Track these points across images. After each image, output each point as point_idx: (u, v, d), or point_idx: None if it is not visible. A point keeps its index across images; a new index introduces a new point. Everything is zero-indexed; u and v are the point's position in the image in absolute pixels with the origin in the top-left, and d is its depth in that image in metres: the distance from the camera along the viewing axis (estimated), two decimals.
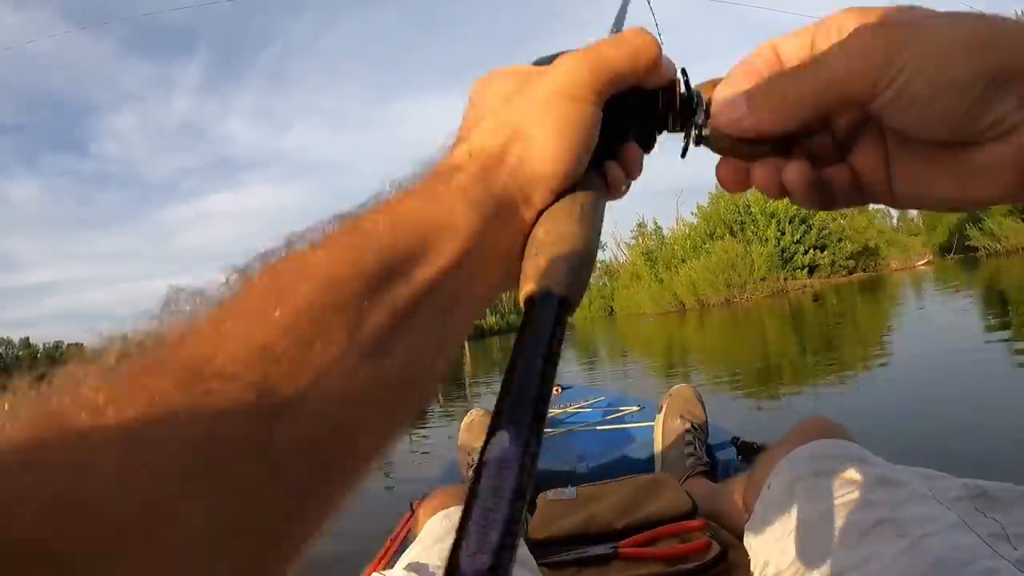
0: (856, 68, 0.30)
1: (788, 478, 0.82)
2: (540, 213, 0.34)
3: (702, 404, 1.75)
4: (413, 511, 1.41)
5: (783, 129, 0.35)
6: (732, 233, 32.05)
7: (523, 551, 0.97)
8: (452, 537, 0.99)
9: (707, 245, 31.97)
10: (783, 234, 30.77)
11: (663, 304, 31.55)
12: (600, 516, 1.18)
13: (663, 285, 32.63)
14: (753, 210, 32.14)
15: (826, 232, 30.39)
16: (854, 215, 31.07)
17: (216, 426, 0.21)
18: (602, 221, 0.36)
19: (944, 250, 32.64)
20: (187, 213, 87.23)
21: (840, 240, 30.47)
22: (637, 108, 0.38)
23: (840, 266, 30.49)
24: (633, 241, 41.54)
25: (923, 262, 31.53)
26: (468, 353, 24.25)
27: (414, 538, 1.02)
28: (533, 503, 1.30)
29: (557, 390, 3.44)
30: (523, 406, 0.24)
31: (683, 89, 0.39)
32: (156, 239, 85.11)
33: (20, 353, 49.38)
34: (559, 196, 0.34)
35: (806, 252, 30.21)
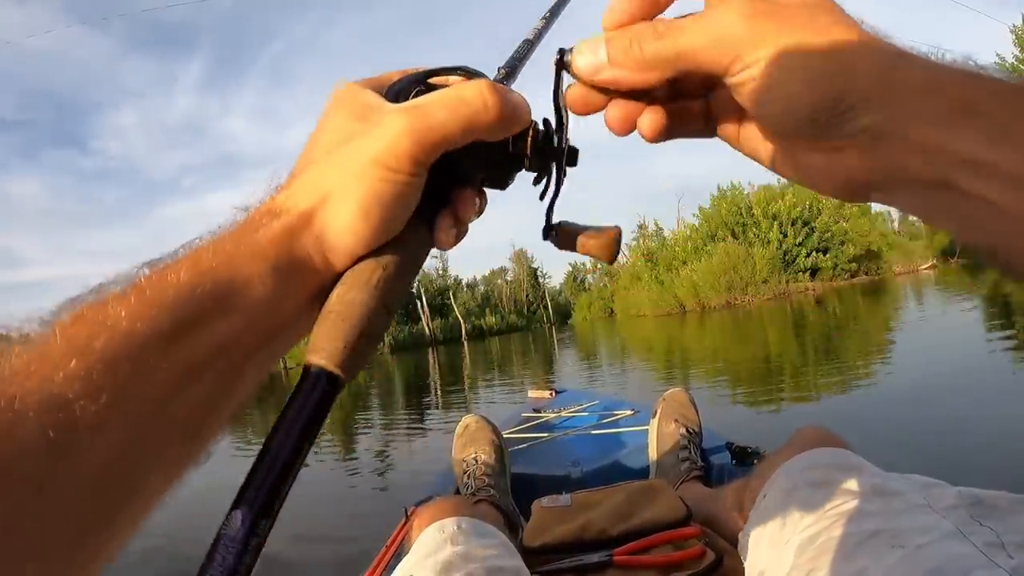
0: (715, 46, 0.31)
1: (785, 487, 0.83)
2: (342, 274, 0.34)
3: (696, 408, 1.76)
4: (408, 518, 1.42)
5: (640, 84, 0.35)
6: (734, 235, 32.21)
7: (517, 562, 0.98)
8: (447, 550, 1.02)
9: (708, 247, 32.16)
10: (785, 236, 30.97)
11: (663, 306, 31.65)
12: (594, 523, 1.19)
13: (664, 287, 32.76)
14: (755, 212, 32.32)
15: (828, 235, 30.54)
16: (857, 218, 31.17)
17: None
18: (415, 274, 0.37)
19: (948, 254, 32.79)
20: (189, 210, 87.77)
21: (843, 243, 30.58)
22: (482, 154, 0.37)
23: (842, 269, 30.67)
24: (634, 242, 41.66)
25: (927, 266, 31.62)
26: (468, 354, 24.27)
27: (409, 546, 1.03)
28: (528, 511, 1.32)
29: (551, 394, 3.45)
30: (262, 487, 0.27)
31: (542, 135, 0.38)
32: (158, 236, 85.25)
33: None
34: (366, 256, 0.34)
35: (808, 255, 30.44)
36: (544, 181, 0.40)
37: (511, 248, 63.67)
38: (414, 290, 52.91)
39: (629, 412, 2.46)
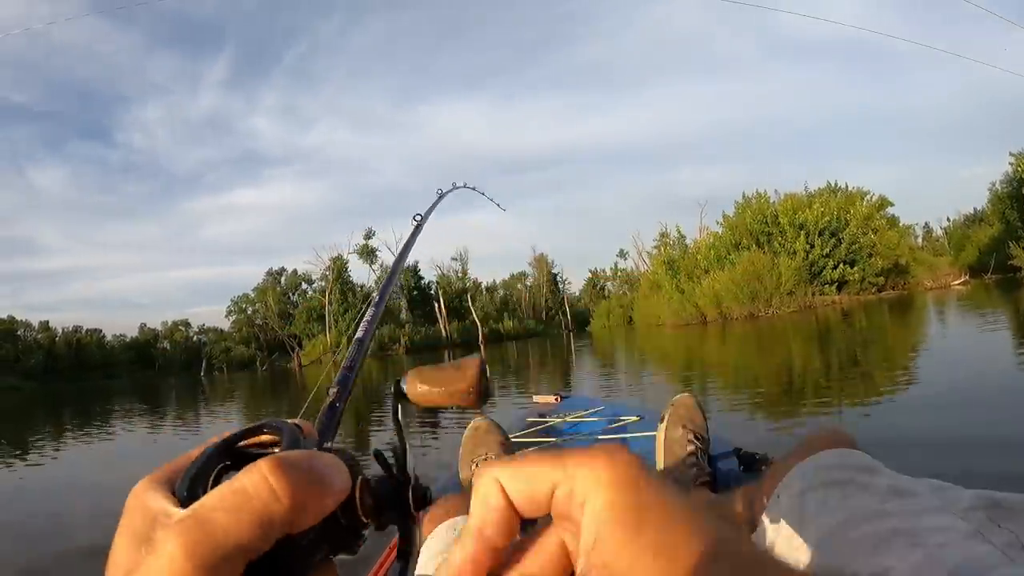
0: None
1: (798, 488, 0.82)
2: None
3: (704, 414, 1.80)
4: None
5: None
6: (758, 244, 31.90)
7: None
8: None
9: (732, 256, 31.89)
10: (812, 247, 30.61)
11: (684, 315, 31.40)
12: None
13: (684, 296, 32.50)
14: (781, 221, 31.99)
15: (856, 247, 30.19)
16: (885, 231, 30.81)
17: None
18: None
19: (981, 270, 32.33)
20: (210, 206, 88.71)
21: (871, 256, 30.22)
22: (302, 540, 0.30)
23: (869, 283, 30.30)
24: (655, 250, 41.52)
25: (959, 282, 31.17)
26: (484, 358, 24.25)
27: (419, 544, 1.06)
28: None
29: (557, 399, 3.50)
30: None
31: (376, 491, 0.33)
32: (178, 230, 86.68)
33: (39, 336, 50.62)
34: None
35: (835, 267, 30.09)
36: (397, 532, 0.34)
37: (532, 252, 63.64)
38: (432, 292, 53.15)
39: (635, 418, 2.52)
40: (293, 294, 53.03)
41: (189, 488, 0.30)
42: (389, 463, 0.35)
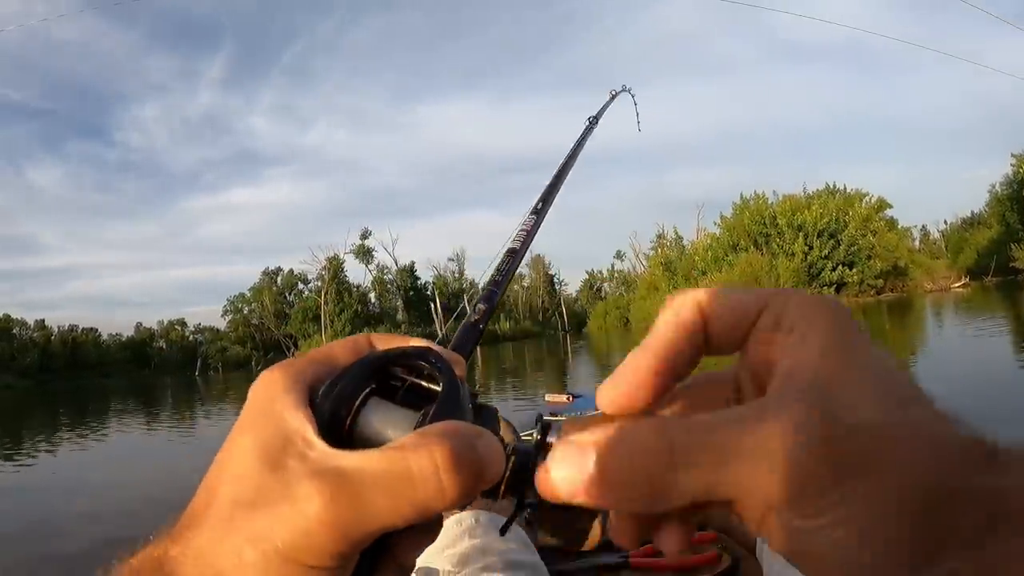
0: (747, 495, 0.22)
1: None
2: None
3: None
4: None
5: (639, 511, 0.26)
6: (756, 245, 32.01)
7: (535, 557, 1.01)
8: (464, 543, 1.05)
9: (730, 257, 32.02)
10: (811, 248, 30.75)
11: None
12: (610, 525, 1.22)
13: None
14: (780, 222, 32.07)
15: (855, 248, 30.30)
16: (884, 232, 30.89)
17: None
18: None
19: (981, 272, 32.40)
20: (207, 205, 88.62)
21: (869, 257, 30.30)
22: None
23: (868, 285, 30.38)
24: (652, 252, 41.57)
25: (959, 284, 31.23)
26: (480, 358, 24.29)
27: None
28: (545, 510, 1.35)
29: (568, 398, 3.50)
30: None
31: (518, 469, 0.30)
32: (176, 229, 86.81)
33: (35, 335, 50.45)
34: None
35: (834, 268, 30.19)
36: (507, 519, 0.33)
37: (529, 253, 63.62)
38: (428, 292, 53.13)
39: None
40: (289, 294, 52.97)
41: (332, 406, 0.29)
42: (546, 435, 0.31)
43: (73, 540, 4.78)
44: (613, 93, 1.47)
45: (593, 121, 1.18)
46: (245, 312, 53.87)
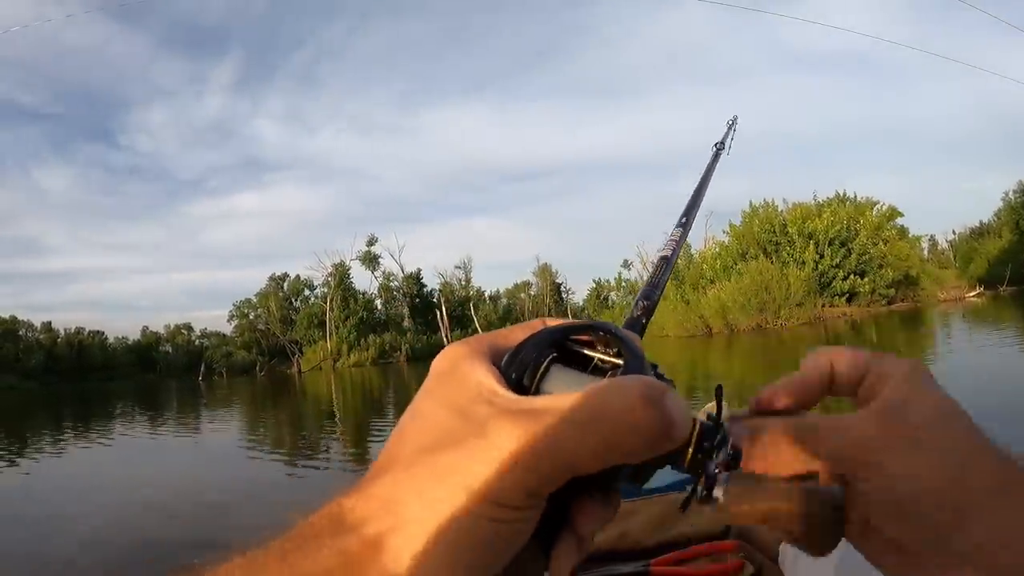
0: (841, 453, 0.33)
1: None
2: None
3: None
4: None
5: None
6: (766, 254, 31.82)
7: None
8: None
9: (739, 266, 31.80)
10: (821, 257, 30.56)
11: (688, 326, 31.22)
12: (631, 533, 1.21)
13: (689, 307, 32.30)
14: (790, 230, 31.91)
15: (867, 257, 30.10)
16: (896, 241, 30.69)
17: None
18: None
19: (995, 282, 32.20)
20: (213, 210, 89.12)
21: (881, 266, 30.11)
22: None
23: (880, 294, 30.21)
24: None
25: (973, 294, 31.05)
26: None
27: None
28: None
29: None
30: None
31: (705, 436, 0.31)
32: (181, 234, 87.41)
33: (41, 337, 50.73)
34: None
35: (845, 278, 30.03)
36: (688, 496, 0.33)
37: (535, 262, 63.78)
38: (434, 299, 53.13)
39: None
40: (296, 300, 53.05)
41: (517, 371, 0.29)
42: (722, 405, 0.34)
43: (75, 540, 4.79)
44: (729, 123, 1.60)
45: (719, 147, 1.27)
46: (251, 317, 53.98)
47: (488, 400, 0.27)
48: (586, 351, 0.32)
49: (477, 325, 48.79)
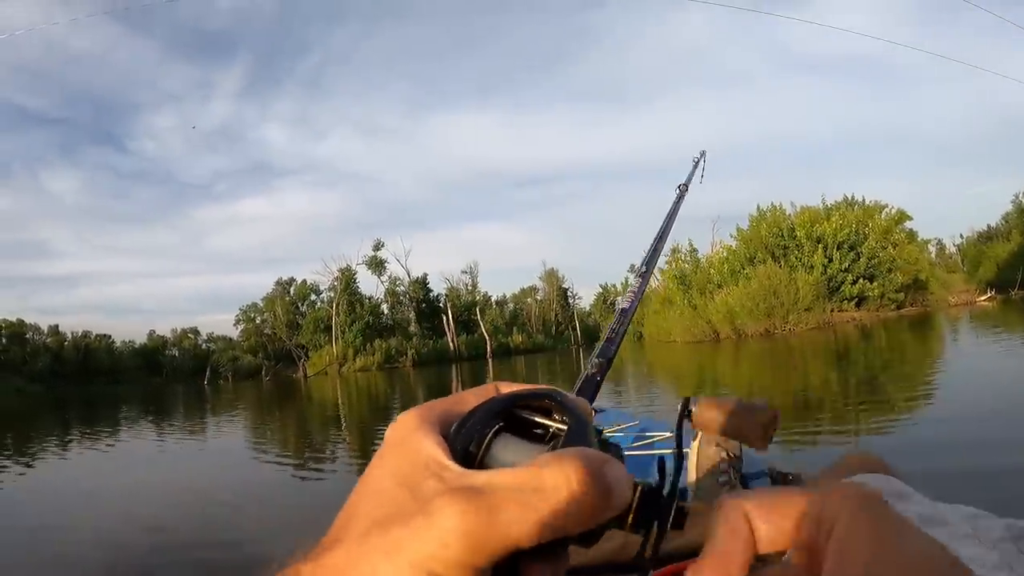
0: None
1: None
2: None
3: None
4: None
5: None
6: (774, 258, 31.73)
7: None
8: None
9: (747, 270, 31.70)
10: (830, 261, 30.47)
11: (696, 332, 31.22)
12: (631, 544, 1.18)
13: (697, 312, 32.35)
14: (798, 234, 31.86)
15: (876, 261, 29.99)
16: (905, 244, 30.55)
17: None
18: None
19: (1005, 285, 32.00)
20: (220, 215, 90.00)
21: (890, 270, 29.99)
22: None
23: (889, 299, 30.07)
24: (666, 266, 41.42)
25: (984, 298, 30.87)
26: (492, 372, 24.32)
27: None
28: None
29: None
30: None
31: (647, 498, 0.31)
32: (189, 238, 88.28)
33: (48, 340, 51.17)
34: None
35: (855, 282, 29.93)
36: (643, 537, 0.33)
37: (542, 267, 63.79)
38: (440, 304, 53.24)
39: (667, 434, 2.48)
40: (302, 304, 53.26)
41: (464, 440, 0.30)
42: (667, 472, 0.34)
43: (79, 544, 4.79)
44: (696, 159, 1.63)
45: (684, 188, 1.28)
46: (257, 322, 54.22)
47: (435, 474, 0.28)
48: (535, 417, 0.33)
49: (483, 330, 48.87)
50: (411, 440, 0.30)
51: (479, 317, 51.40)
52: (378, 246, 51.02)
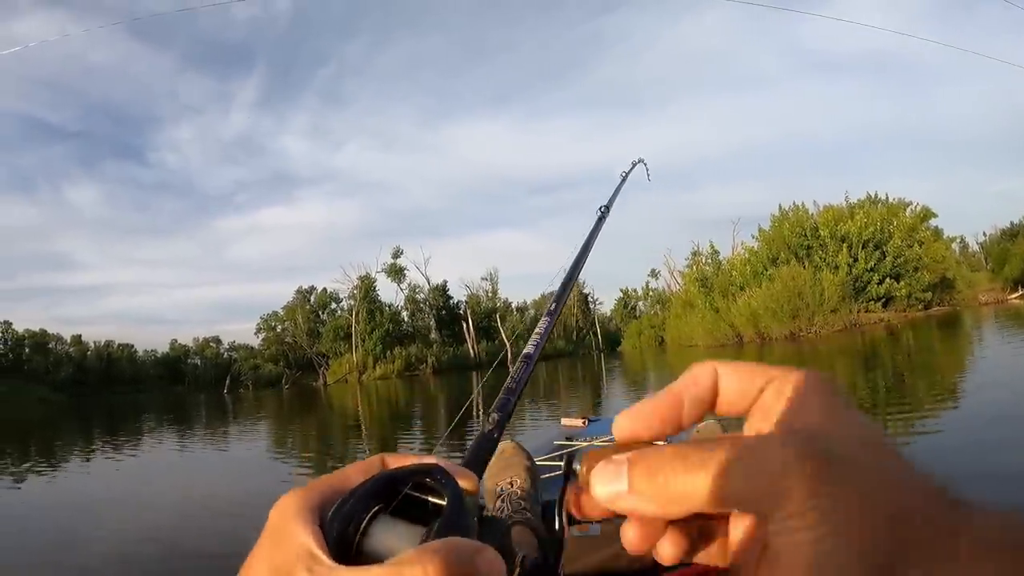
0: (752, 493, 0.26)
1: None
2: None
3: None
4: None
5: (663, 517, 0.30)
6: (798, 258, 31.31)
7: None
8: None
9: (769, 271, 31.35)
10: (855, 260, 30.04)
11: (718, 335, 30.90)
12: (625, 554, 1.14)
13: (719, 315, 31.96)
14: (822, 233, 31.45)
15: (902, 260, 29.49)
16: (931, 242, 30.06)
17: None
18: None
19: None
20: (240, 225, 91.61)
21: (917, 269, 29.49)
22: None
23: (916, 299, 29.58)
24: (687, 268, 41.10)
25: (1016, 295, 30.28)
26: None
27: None
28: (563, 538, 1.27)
29: (584, 422, 3.47)
30: None
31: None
32: (209, 248, 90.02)
33: (71, 350, 52.22)
34: None
35: (881, 281, 29.44)
36: None
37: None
38: (460, 311, 53.35)
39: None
40: (322, 312, 53.65)
41: (340, 525, 0.30)
42: (546, 549, 0.33)
43: (99, 551, 4.83)
44: (624, 174, 1.51)
45: (604, 211, 1.19)
46: (278, 330, 54.70)
47: (307, 568, 0.28)
48: (417, 493, 0.33)
49: (504, 336, 48.84)
50: (287, 529, 0.30)
51: (499, 323, 51.39)
52: (397, 254, 51.26)
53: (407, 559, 0.27)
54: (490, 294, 57.10)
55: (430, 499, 0.32)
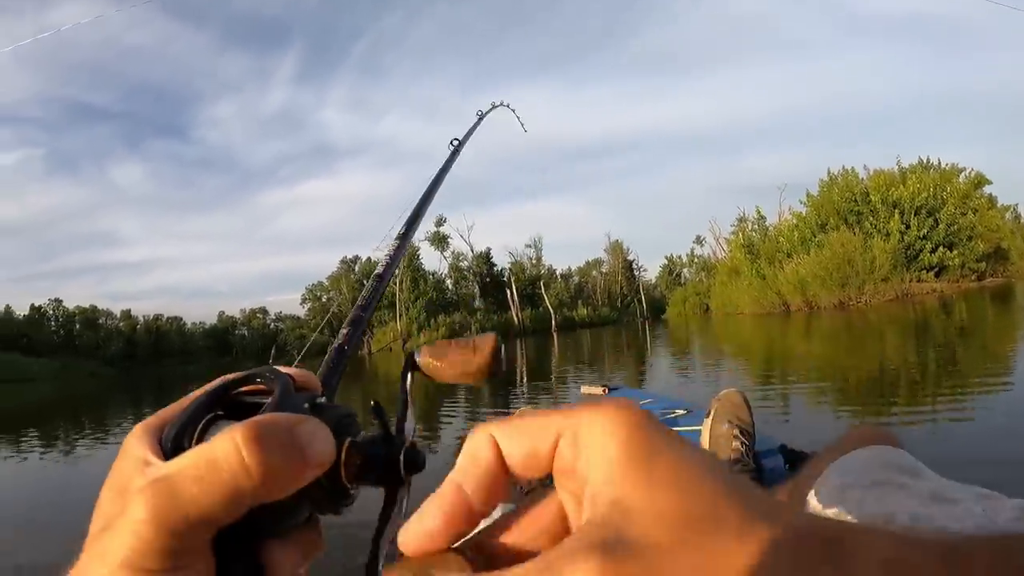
0: None
1: (836, 484, 0.80)
2: None
3: (750, 410, 1.87)
4: None
5: None
6: (847, 224, 30.53)
7: None
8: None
9: (818, 237, 30.74)
10: (907, 227, 29.28)
11: (765, 304, 30.50)
12: None
13: (766, 282, 31.49)
14: (872, 199, 30.69)
15: (955, 228, 28.59)
16: (986, 210, 28.94)
17: None
18: None
19: None
20: (284, 198, 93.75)
21: (971, 238, 28.58)
22: (282, 506, 0.29)
23: (970, 268, 28.81)
24: (733, 235, 40.43)
25: None
26: (556, 345, 24.45)
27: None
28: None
29: (604, 391, 3.63)
30: None
31: (364, 457, 0.31)
32: (255, 221, 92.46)
33: (121, 324, 54.37)
34: None
35: (933, 250, 28.73)
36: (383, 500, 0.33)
37: (607, 239, 63.33)
38: (504, 278, 53.59)
39: (682, 411, 2.62)
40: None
41: (174, 439, 0.30)
42: (388, 421, 0.33)
43: None
44: (480, 114, 1.53)
45: (459, 144, 1.21)
46: (323, 300, 55.79)
47: (140, 474, 0.28)
48: (250, 398, 0.33)
49: (548, 303, 49.01)
50: (126, 448, 0.31)
51: (543, 291, 51.53)
52: (440, 222, 51.54)
53: (219, 436, 0.27)
54: (534, 261, 57.20)
55: (266, 400, 0.32)
